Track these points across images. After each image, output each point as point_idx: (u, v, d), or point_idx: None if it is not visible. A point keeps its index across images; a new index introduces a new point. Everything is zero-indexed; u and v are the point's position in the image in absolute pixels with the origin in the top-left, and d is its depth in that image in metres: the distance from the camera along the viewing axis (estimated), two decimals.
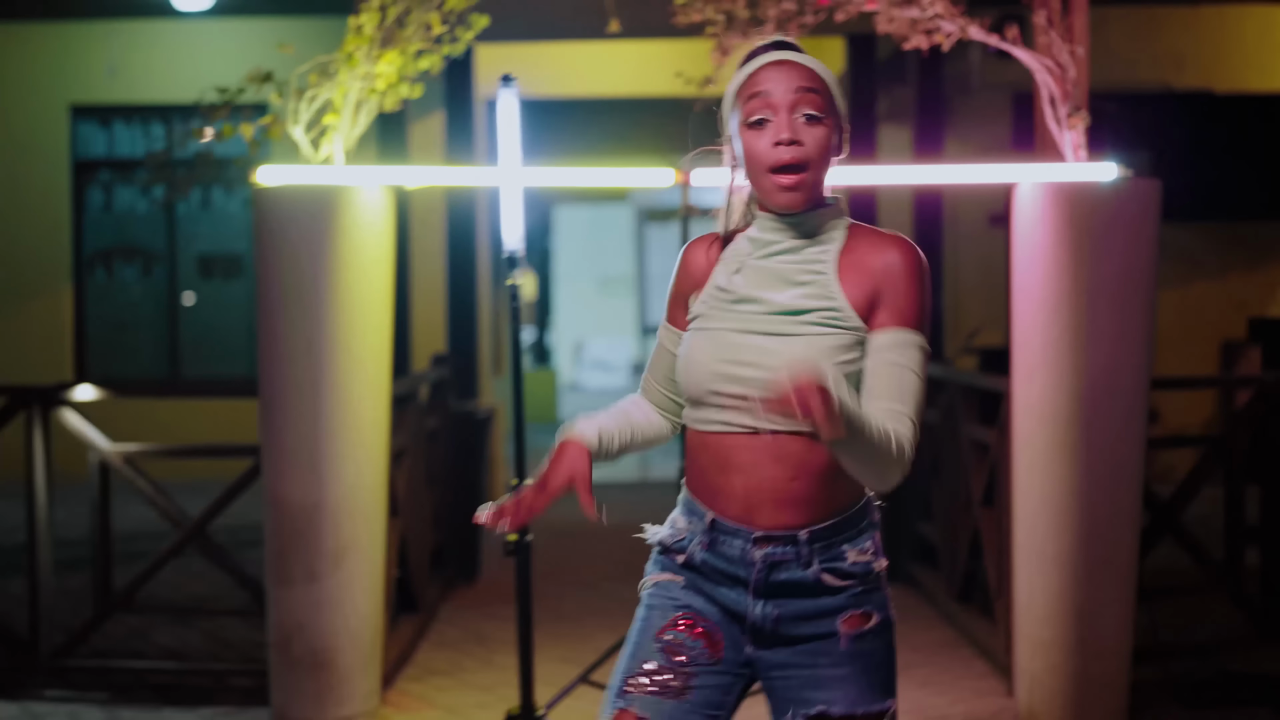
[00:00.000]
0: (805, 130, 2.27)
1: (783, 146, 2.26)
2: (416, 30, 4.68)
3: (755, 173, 2.31)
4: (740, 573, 2.30)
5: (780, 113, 2.27)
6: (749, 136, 2.30)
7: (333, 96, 4.60)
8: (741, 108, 2.31)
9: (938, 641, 5.84)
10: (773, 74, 2.30)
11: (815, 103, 2.28)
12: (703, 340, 2.33)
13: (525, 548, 3.59)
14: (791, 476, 2.26)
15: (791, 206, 2.29)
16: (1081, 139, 4.57)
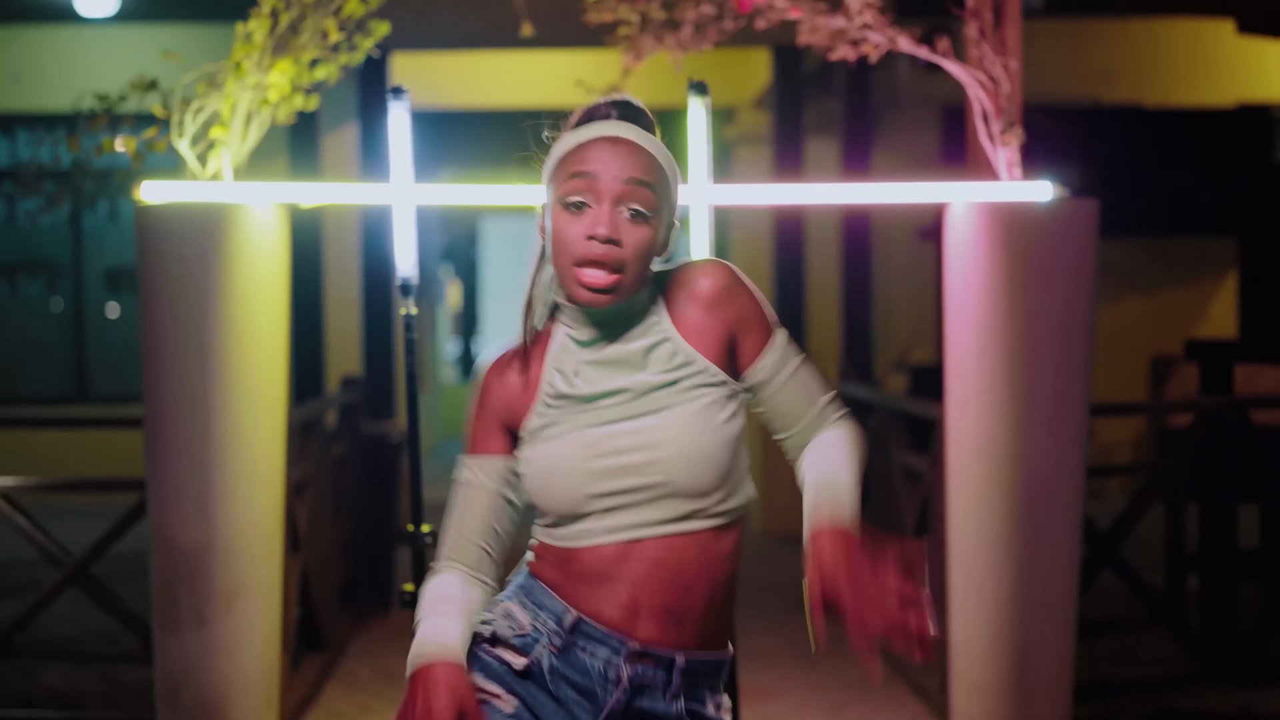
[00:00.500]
0: (627, 229, 1.98)
1: (596, 242, 1.97)
2: (312, 38, 4.39)
3: (561, 259, 2.01)
4: (597, 690, 1.98)
5: (603, 202, 1.99)
6: (562, 219, 2.01)
7: (220, 108, 4.30)
8: (561, 183, 2.02)
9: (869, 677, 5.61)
10: (605, 153, 2.00)
11: (645, 199, 1.99)
12: (561, 445, 2.01)
13: None
14: (687, 586, 1.98)
15: (594, 305, 2.00)
16: (1016, 156, 4.35)
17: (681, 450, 1.96)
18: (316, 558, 5.70)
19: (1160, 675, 5.41)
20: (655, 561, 1.97)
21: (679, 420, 1.98)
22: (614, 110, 2.05)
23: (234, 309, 4.31)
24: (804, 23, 4.49)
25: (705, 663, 2.02)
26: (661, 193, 2.01)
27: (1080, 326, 4.34)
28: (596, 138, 2.01)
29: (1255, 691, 5.23)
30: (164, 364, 4.31)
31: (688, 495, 1.97)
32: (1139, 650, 5.72)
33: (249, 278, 4.34)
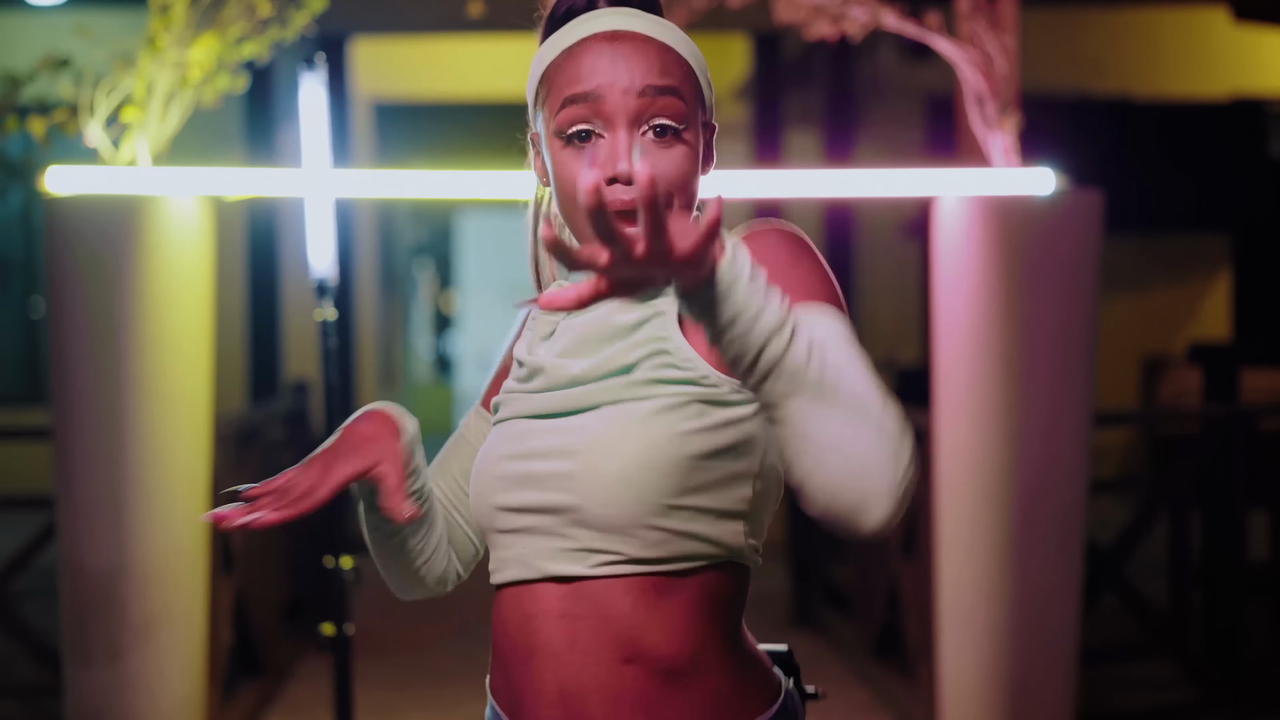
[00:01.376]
0: (657, 153, 1.45)
1: (619, 185, 1.43)
2: (240, 11, 3.99)
3: (571, 209, 1.48)
4: None
5: (616, 127, 1.45)
6: (563, 156, 1.47)
7: (136, 89, 3.89)
8: (553, 110, 1.48)
9: (853, 703, 5.22)
10: (604, 57, 1.46)
11: (672, 109, 1.45)
12: (494, 434, 1.54)
13: (345, 642, 2.90)
14: (625, 657, 1.42)
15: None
16: (1013, 144, 3.97)
17: (597, 464, 1.41)
18: (254, 577, 5.29)
19: (1162, 704, 5.03)
20: (576, 620, 1.43)
21: (611, 422, 1.42)
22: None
23: (151, 309, 3.91)
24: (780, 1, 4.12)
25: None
26: (691, 89, 1.48)
27: (1082, 331, 3.97)
28: (587, 37, 1.48)
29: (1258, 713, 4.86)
30: (73, 370, 3.91)
31: (604, 528, 1.42)
32: (1142, 677, 5.34)
33: (168, 275, 3.93)
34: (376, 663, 5.85)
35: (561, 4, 1.53)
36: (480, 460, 1.52)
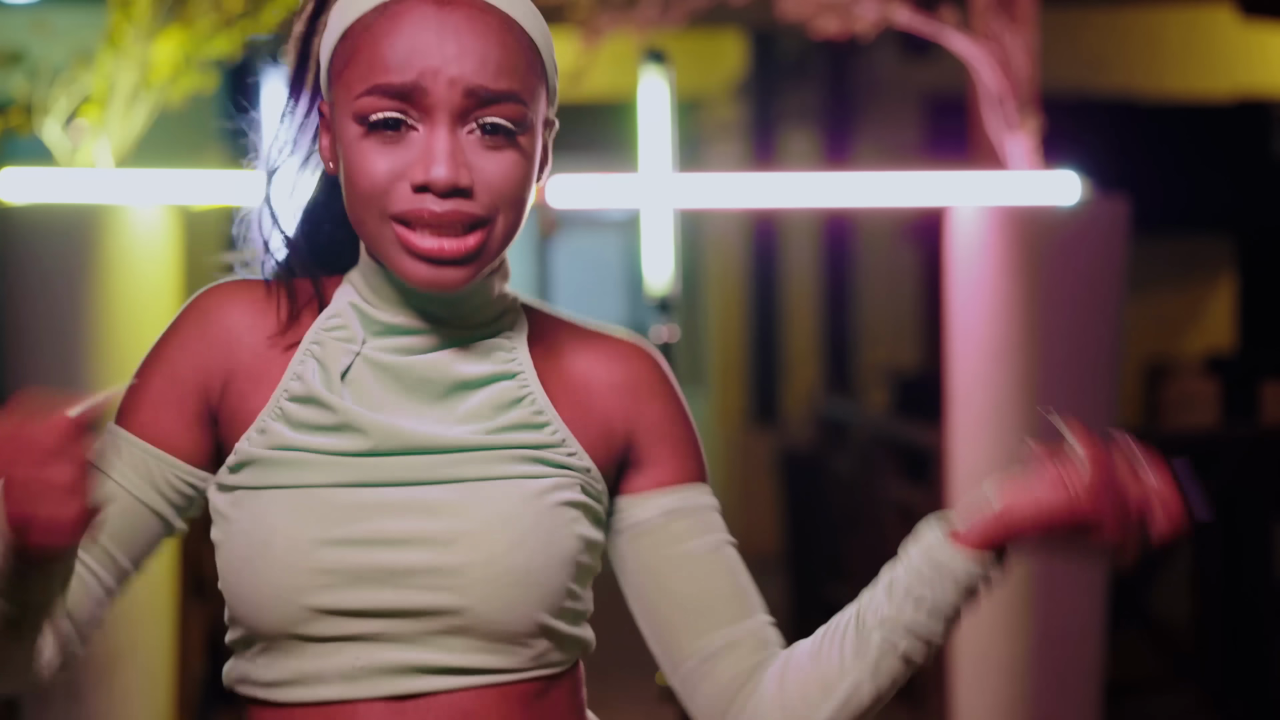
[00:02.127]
0: (484, 156, 1.17)
1: (431, 195, 1.16)
2: (208, 6, 3.76)
3: (366, 210, 1.18)
4: None
5: (436, 123, 1.16)
6: (362, 147, 1.17)
7: (96, 87, 3.65)
8: (354, 85, 1.18)
9: None
10: (430, 31, 1.16)
11: (510, 111, 1.18)
12: (285, 503, 1.19)
13: None
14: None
15: (438, 288, 1.18)
16: (1035, 146, 3.74)
17: (497, 555, 1.17)
18: None
19: None
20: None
21: (503, 503, 1.18)
22: None
23: (113, 326, 3.69)
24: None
25: None
26: (532, 86, 1.20)
27: (1106, 348, 3.75)
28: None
29: None
30: (31, 389, 3.68)
31: (493, 636, 1.18)
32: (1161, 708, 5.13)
33: (131, 291, 3.71)
34: None
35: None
36: (271, 534, 1.17)
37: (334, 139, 1.21)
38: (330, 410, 1.20)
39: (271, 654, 1.20)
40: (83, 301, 3.65)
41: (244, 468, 1.21)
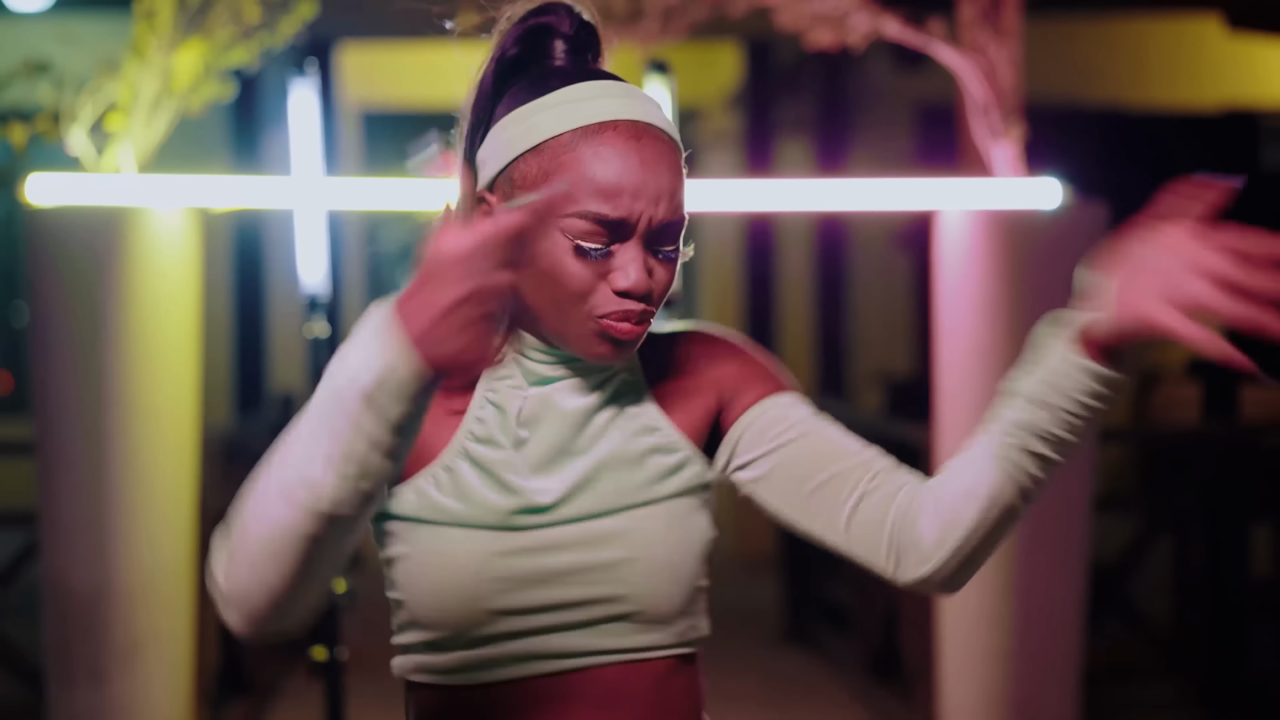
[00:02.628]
0: (657, 268, 1.38)
1: (631, 300, 1.36)
2: (228, 17, 3.91)
3: (571, 306, 1.36)
4: None
5: (635, 240, 1.36)
6: (571, 261, 1.35)
7: (121, 95, 3.80)
8: (567, 206, 1.34)
9: None
10: (634, 166, 1.35)
11: (678, 229, 1.40)
12: (471, 537, 1.37)
13: (337, 666, 2.81)
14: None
15: (617, 359, 1.40)
16: (1018, 154, 3.90)
17: (655, 560, 1.39)
18: None
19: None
20: (592, 702, 1.37)
21: (656, 521, 1.41)
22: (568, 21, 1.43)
23: (136, 323, 3.82)
24: (782, 8, 4.04)
25: None
26: (683, 201, 1.41)
27: None
28: (612, 123, 1.37)
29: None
30: (56, 385, 3.82)
31: (644, 619, 1.39)
32: (1143, 697, 5.27)
33: (153, 288, 3.85)
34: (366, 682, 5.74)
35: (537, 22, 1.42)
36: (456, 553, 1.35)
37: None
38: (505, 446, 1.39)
39: (451, 648, 1.37)
40: (107, 298, 3.79)
41: (430, 492, 1.38)
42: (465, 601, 1.35)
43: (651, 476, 1.41)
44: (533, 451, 1.38)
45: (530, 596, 1.36)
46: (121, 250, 3.79)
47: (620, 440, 1.41)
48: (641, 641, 1.39)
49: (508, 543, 1.36)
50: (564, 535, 1.37)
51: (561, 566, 1.37)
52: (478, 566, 1.35)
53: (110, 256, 3.79)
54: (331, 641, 2.86)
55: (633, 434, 1.42)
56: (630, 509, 1.39)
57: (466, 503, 1.36)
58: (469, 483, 1.37)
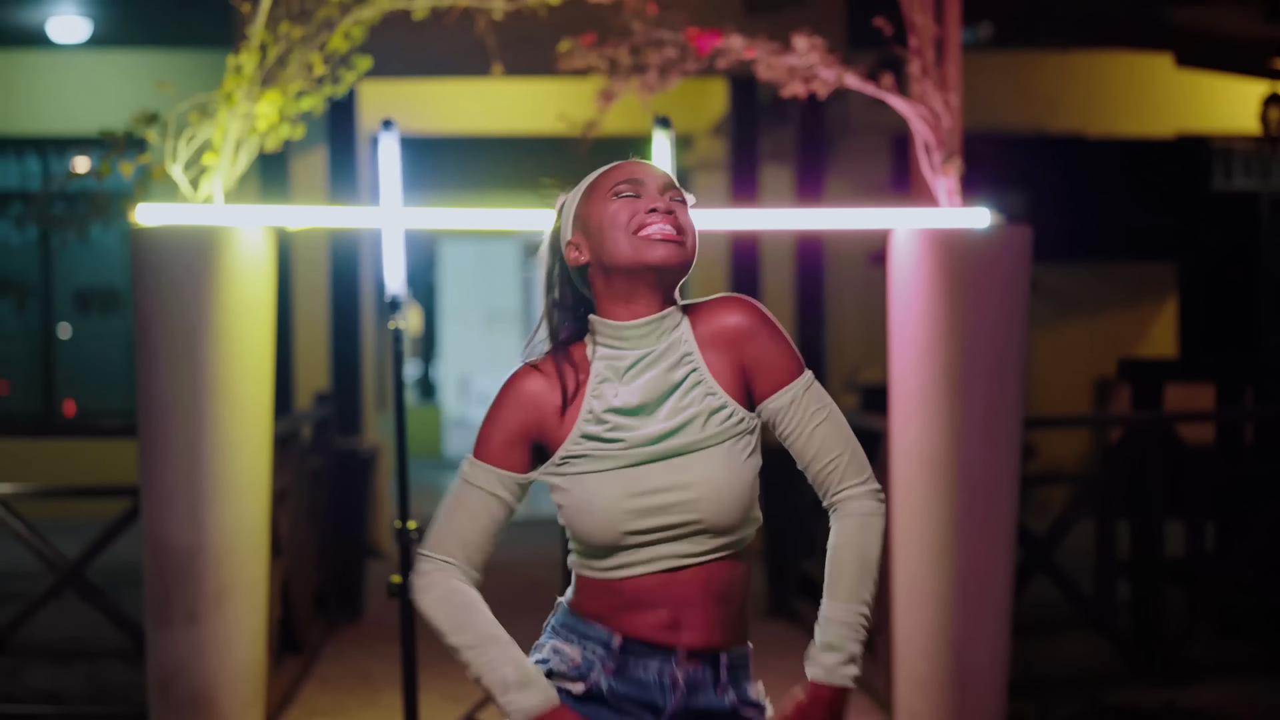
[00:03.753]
0: (676, 207, 2.18)
1: (657, 212, 2.15)
2: (298, 70, 4.68)
3: (617, 236, 2.15)
4: (656, 699, 2.14)
5: (651, 190, 2.17)
6: (613, 206, 2.17)
7: (212, 136, 4.58)
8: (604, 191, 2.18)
9: None
10: (640, 167, 2.21)
11: (679, 194, 2.20)
12: (599, 481, 2.13)
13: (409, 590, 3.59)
14: (720, 598, 2.15)
15: (668, 263, 2.15)
16: (956, 185, 4.68)
17: (715, 491, 2.10)
18: (295, 564, 5.97)
19: (1090, 674, 5.74)
20: (693, 585, 2.13)
21: (712, 462, 2.12)
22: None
23: (224, 326, 4.59)
24: (760, 61, 4.82)
25: (740, 655, 2.21)
26: (684, 196, 2.21)
27: (1014, 344, 4.67)
28: (627, 162, 2.23)
29: (1179, 689, 5.57)
30: (158, 377, 4.58)
31: (719, 532, 2.12)
32: (1071, 652, 6.06)
33: (238, 296, 4.61)
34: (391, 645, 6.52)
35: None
36: (596, 500, 2.11)
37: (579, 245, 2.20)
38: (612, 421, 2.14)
39: (599, 554, 2.14)
40: (199, 304, 4.54)
41: (570, 461, 2.14)
42: (603, 530, 2.12)
43: (711, 427, 2.13)
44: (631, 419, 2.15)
45: (643, 523, 2.11)
46: (211, 264, 4.55)
47: (688, 401, 2.14)
48: (713, 544, 2.13)
49: (626, 488, 2.11)
50: (660, 479, 2.11)
51: (662, 503, 2.11)
52: (608, 507, 2.12)
53: (202, 269, 4.55)
54: (405, 570, 3.61)
55: (696, 396, 2.14)
56: (700, 451, 2.12)
57: (594, 462, 2.13)
58: (594, 448, 2.13)
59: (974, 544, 4.66)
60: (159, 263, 4.57)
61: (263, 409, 4.74)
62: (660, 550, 2.11)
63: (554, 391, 2.17)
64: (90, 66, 11.18)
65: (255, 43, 4.61)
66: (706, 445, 2.12)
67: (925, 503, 4.69)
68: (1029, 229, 4.73)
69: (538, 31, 5.01)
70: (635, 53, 4.72)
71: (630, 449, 2.13)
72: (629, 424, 2.14)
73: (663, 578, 2.12)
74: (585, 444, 2.14)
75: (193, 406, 4.57)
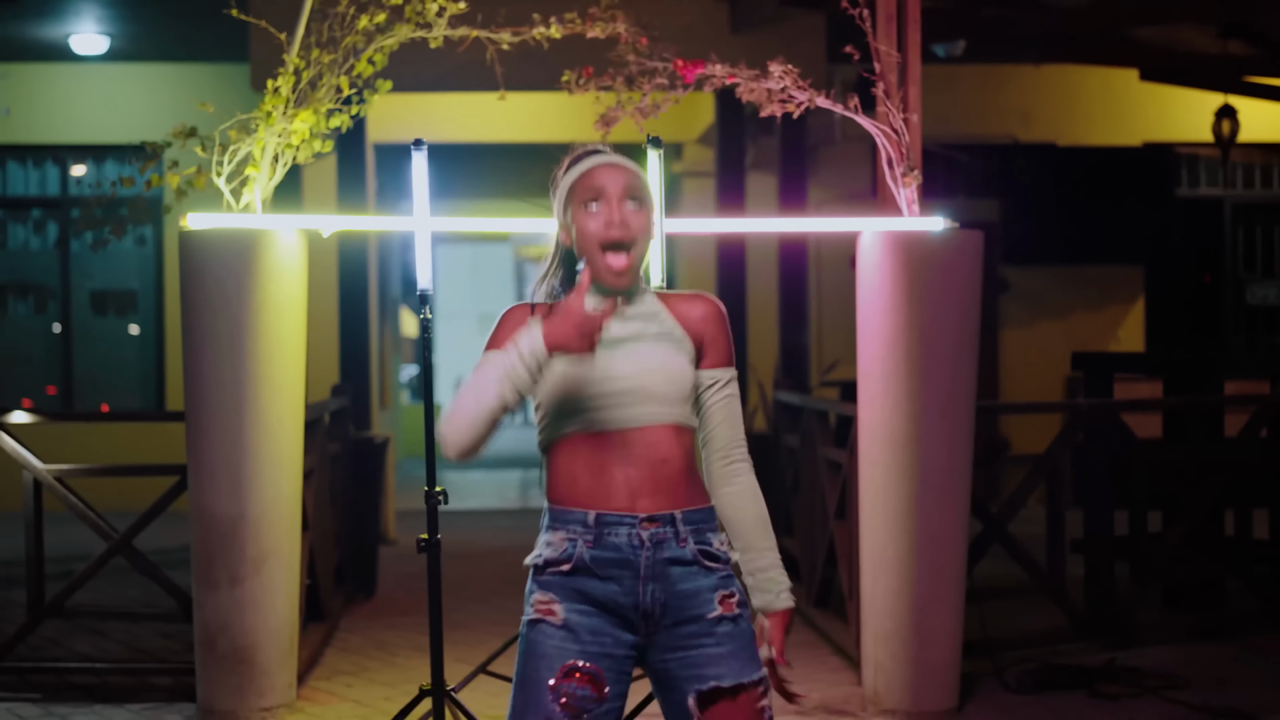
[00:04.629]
0: (631, 215, 2.71)
1: (614, 226, 2.69)
2: (327, 92, 5.25)
3: (590, 245, 2.71)
4: (630, 557, 2.63)
5: (611, 198, 2.71)
6: (583, 218, 2.71)
7: (253, 150, 5.14)
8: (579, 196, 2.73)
9: (798, 642, 6.48)
10: (603, 175, 2.74)
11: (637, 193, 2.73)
12: (573, 373, 2.68)
13: (436, 544, 4.15)
14: (663, 459, 2.67)
15: (619, 284, 2.71)
16: (915, 195, 5.25)
17: (652, 373, 2.69)
18: (319, 539, 6.53)
19: (1042, 638, 6.32)
20: (640, 442, 2.67)
21: (655, 353, 2.71)
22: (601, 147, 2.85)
23: (263, 319, 5.15)
24: (742, 86, 5.38)
25: (696, 512, 2.71)
26: (646, 195, 2.76)
27: (968, 335, 5.25)
28: (596, 165, 2.75)
29: (1122, 649, 6.15)
30: (204, 365, 5.14)
31: (664, 401, 2.69)
32: (1026, 619, 6.65)
33: (276, 293, 5.18)
34: (403, 619, 7.10)
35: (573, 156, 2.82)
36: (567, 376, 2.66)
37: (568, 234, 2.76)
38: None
39: (571, 417, 2.67)
40: (244, 299, 5.11)
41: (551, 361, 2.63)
42: (571, 401, 2.68)
43: (659, 336, 2.71)
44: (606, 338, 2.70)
45: (599, 388, 2.67)
46: (252, 264, 5.11)
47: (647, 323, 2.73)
48: (650, 412, 2.68)
49: (590, 374, 2.67)
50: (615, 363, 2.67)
51: (613, 375, 2.66)
52: (577, 379, 2.68)
53: (244, 269, 5.11)
54: (433, 529, 4.15)
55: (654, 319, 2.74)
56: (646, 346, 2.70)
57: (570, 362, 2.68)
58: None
59: (932, 513, 5.22)
60: (206, 263, 5.13)
61: (296, 394, 5.30)
62: (615, 412, 2.67)
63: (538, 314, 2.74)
64: (108, 79, 11.74)
65: (290, 67, 5.17)
66: (652, 343, 2.71)
67: (888, 477, 5.25)
68: (980, 233, 5.30)
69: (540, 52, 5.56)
70: (630, 83, 5.28)
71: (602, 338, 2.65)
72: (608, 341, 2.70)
73: (616, 436, 2.66)
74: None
75: (235, 391, 5.13)
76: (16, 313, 12.36)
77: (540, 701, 2.61)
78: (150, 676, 5.83)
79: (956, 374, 5.23)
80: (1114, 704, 5.44)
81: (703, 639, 2.66)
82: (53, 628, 6.48)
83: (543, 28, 5.35)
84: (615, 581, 2.66)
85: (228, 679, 5.18)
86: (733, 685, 2.66)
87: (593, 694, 2.62)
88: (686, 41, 5.71)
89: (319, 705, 5.51)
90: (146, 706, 5.47)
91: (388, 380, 16.17)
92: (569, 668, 2.62)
